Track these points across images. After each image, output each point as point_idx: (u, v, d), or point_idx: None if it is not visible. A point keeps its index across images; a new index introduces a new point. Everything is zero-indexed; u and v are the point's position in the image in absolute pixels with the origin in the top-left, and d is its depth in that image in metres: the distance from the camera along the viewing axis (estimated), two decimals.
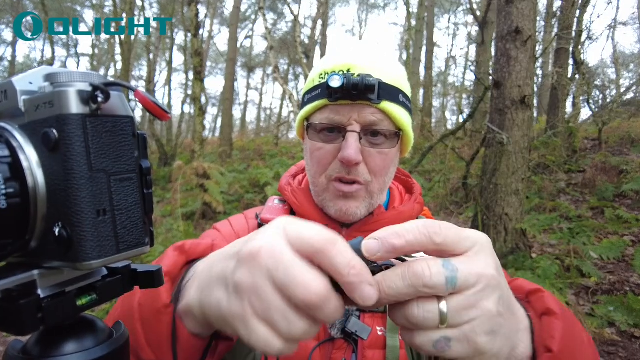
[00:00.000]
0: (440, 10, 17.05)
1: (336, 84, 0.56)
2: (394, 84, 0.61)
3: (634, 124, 7.22)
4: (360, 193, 0.62)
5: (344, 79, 0.56)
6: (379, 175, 0.62)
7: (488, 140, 3.58)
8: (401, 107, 0.62)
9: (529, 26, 3.41)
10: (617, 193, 4.79)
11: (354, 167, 0.60)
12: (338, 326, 0.57)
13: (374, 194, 0.63)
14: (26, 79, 0.27)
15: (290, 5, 6.33)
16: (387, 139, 0.61)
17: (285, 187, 0.72)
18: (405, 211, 0.66)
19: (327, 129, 0.61)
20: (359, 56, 0.61)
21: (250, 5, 17.59)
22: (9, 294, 0.26)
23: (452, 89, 13.22)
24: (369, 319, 0.59)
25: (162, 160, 9.23)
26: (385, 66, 0.62)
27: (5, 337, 2.59)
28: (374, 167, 0.61)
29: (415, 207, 0.68)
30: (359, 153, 0.59)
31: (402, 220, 0.59)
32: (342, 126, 0.60)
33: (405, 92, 0.64)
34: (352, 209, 0.62)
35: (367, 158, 0.61)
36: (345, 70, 0.60)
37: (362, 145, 0.60)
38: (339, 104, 0.59)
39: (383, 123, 0.60)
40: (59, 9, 12.60)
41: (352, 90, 0.56)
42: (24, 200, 0.25)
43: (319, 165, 0.63)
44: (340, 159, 0.59)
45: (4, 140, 0.26)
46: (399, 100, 0.61)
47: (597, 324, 2.58)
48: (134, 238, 0.28)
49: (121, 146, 0.27)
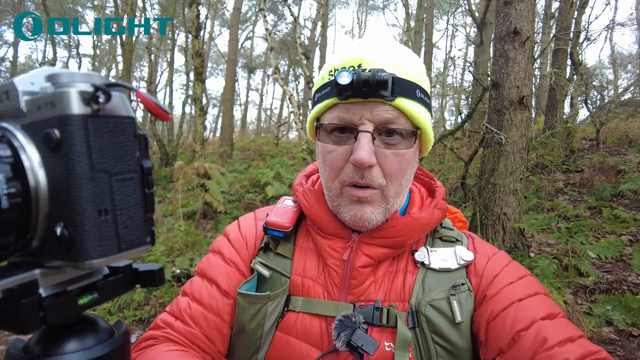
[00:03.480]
0: (439, 12, 17.08)
1: (345, 80, 0.52)
2: (410, 79, 0.55)
3: (632, 124, 7.24)
4: (375, 198, 0.57)
5: (353, 75, 0.51)
6: (395, 178, 0.57)
7: (486, 140, 3.59)
8: (419, 103, 0.56)
9: (528, 27, 3.43)
10: (614, 193, 4.81)
11: (367, 169, 0.55)
12: (343, 338, 0.54)
13: (389, 198, 0.57)
14: (28, 79, 0.27)
15: (290, 6, 6.33)
16: (403, 138, 0.56)
17: (297, 188, 0.67)
18: (421, 217, 0.60)
19: (338, 129, 0.57)
20: (371, 49, 0.56)
21: (250, 7, 17.61)
22: (10, 293, 0.26)
23: (450, 89, 13.24)
24: (377, 334, 0.56)
25: (163, 160, 9.21)
26: (401, 59, 0.56)
27: (6, 336, 2.59)
28: (389, 170, 0.56)
29: (435, 213, 0.62)
30: (372, 155, 0.54)
31: (417, 228, 0.60)
32: (354, 126, 0.55)
33: (423, 87, 0.58)
34: (367, 215, 0.57)
35: (381, 160, 0.56)
36: (356, 65, 0.54)
37: (376, 146, 0.55)
38: (349, 102, 0.54)
39: (399, 121, 0.55)
40: (60, 10, 12.58)
41: (362, 87, 0.51)
42: (26, 200, 0.25)
43: (332, 169, 0.58)
44: (352, 161, 0.55)
45: (5, 140, 0.26)
46: (415, 96, 0.56)
47: (595, 322, 2.58)
48: (135, 237, 0.28)
49: (122, 146, 0.27)
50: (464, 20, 16.83)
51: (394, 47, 0.58)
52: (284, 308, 0.60)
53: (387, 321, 0.56)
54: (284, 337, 0.59)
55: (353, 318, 0.56)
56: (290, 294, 0.61)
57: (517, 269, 0.62)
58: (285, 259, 0.64)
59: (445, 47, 23.90)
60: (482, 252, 0.63)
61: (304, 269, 0.62)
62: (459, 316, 0.56)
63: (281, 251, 0.64)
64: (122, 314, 2.85)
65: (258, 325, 0.58)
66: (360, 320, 0.56)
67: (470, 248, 0.64)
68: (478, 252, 0.63)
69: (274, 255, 0.64)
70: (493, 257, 0.63)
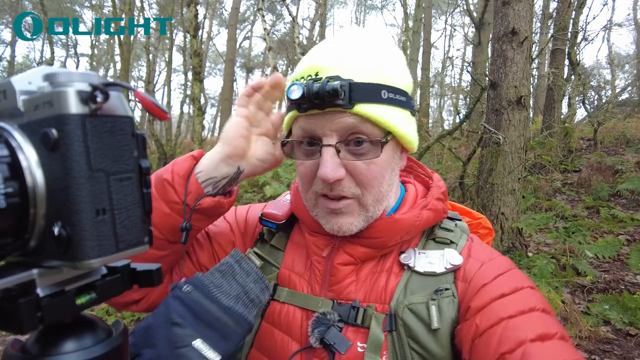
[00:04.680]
0: (437, 12, 17.11)
1: (295, 95, 0.50)
2: (371, 81, 0.52)
3: (629, 124, 7.28)
4: (352, 207, 0.55)
5: (303, 88, 0.50)
6: (370, 186, 0.54)
7: (484, 140, 3.60)
8: (386, 104, 0.53)
9: (525, 27, 3.44)
10: (612, 192, 4.83)
11: (336, 183, 0.53)
12: (317, 335, 0.54)
13: (368, 206, 0.55)
14: (25, 78, 0.27)
15: (288, 6, 6.33)
16: (372, 145, 0.53)
17: (292, 186, 0.68)
18: (403, 219, 0.57)
19: (305, 142, 0.55)
20: (328, 56, 0.53)
21: (249, 7, 17.59)
22: (8, 293, 0.26)
23: (449, 89, 13.27)
24: (352, 333, 0.55)
25: (161, 159, 9.19)
26: (361, 61, 0.52)
27: (4, 336, 2.58)
28: (362, 180, 0.54)
29: (422, 214, 0.58)
30: (337, 169, 0.52)
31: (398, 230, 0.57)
32: (317, 138, 0.54)
33: (392, 85, 0.53)
34: (344, 226, 0.56)
35: (351, 171, 0.53)
36: (313, 74, 0.52)
37: (344, 158, 0.53)
38: (309, 114, 0.52)
39: (363, 128, 0.52)
40: (58, 9, 12.53)
41: (314, 99, 0.49)
42: (23, 199, 0.25)
43: (303, 181, 0.58)
44: (318, 177, 0.53)
45: (3, 140, 0.26)
46: (381, 98, 0.52)
47: (592, 322, 2.59)
48: (133, 237, 0.28)
49: (120, 146, 0.27)
50: (462, 20, 16.89)
51: (356, 47, 0.54)
52: (270, 297, 0.61)
53: (362, 321, 0.55)
54: (269, 328, 0.61)
55: (328, 315, 0.56)
56: (277, 284, 0.63)
57: (514, 279, 0.55)
58: (278, 251, 0.65)
59: (444, 47, 23.97)
60: (477, 257, 0.58)
61: (292, 264, 0.63)
62: (436, 322, 0.52)
63: (275, 243, 0.66)
64: (120, 314, 2.84)
65: None
66: (335, 318, 0.55)
67: (464, 252, 0.59)
68: (472, 256, 0.58)
69: (269, 247, 0.66)
70: (488, 263, 0.57)
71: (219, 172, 0.60)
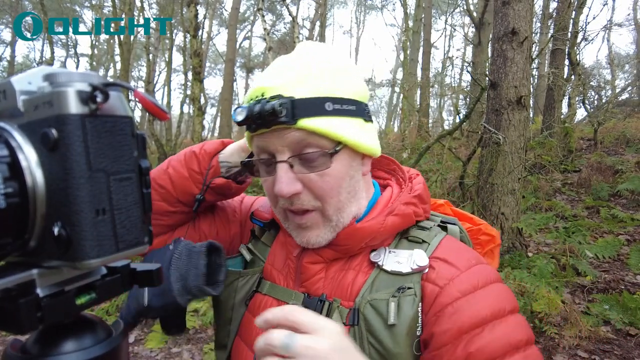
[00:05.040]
0: (437, 12, 17.11)
1: (239, 118, 0.53)
2: (314, 95, 0.53)
3: (629, 124, 7.28)
4: (315, 220, 0.58)
5: (247, 110, 0.53)
6: (329, 197, 0.56)
7: (484, 140, 3.60)
8: (332, 116, 0.54)
9: (525, 27, 3.44)
10: (612, 192, 4.84)
11: (294, 197, 0.55)
12: None
13: (331, 217, 0.58)
14: (25, 78, 0.27)
15: (288, 6, 6.33)
16: (323, 157, 0.55)
17: None
18: (364, 228, 0.58)
19: (264, 160, 0.58)
20: (271, 76, 0.56)
21: (249, 7, 17.59)
22: (8, 293, 0.26)
23: (449, 89, 13.27)
24: None
25: (161, 160, 9.19)
26: (304, 77, 0.54)
27: (4, 336, 2.58)
28: (318, 192, 0.56)
29: (387, 221, 0.59)
30: (292, 183, 0.54)
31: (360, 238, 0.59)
32: (272, 156, 0.56)
33: (338, 97, 0.55)
34: (312, 239, 0.59)
35: (307, 184, 0.56)
36: (260, 94, 0.55)
37: (298, 172, 0.55)
38: (260, 133, 0.55)
39: (312, 141, 0.54)
40: (58, 9, 12.53)
41: (257, 120, 0.52)
42: (23, 199, 0.25)
43: (270, 197, 0.61)
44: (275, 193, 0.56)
45: (3, 140, 0.26)
46: (325, 110, 0.54)
47: (592, 322, 2.59)
48: (133, 237, 0.28)
49: (120, 146, 0.27)
50: (462, 20, 16.89)
51: (302, 64, 0.56)
52: (255, 289, 0.66)
53: (327, 314, 0.58)
54: (251, 319, 0.65)
55: None
56: (262, 278, 0.67)
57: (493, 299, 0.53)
58: (266, 246, 0.71)
59: (444, 47, 23.96)
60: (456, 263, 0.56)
61: (274, 260, 0.68)
62: (392, 318, 0.53)
63: (264, 239, 0.72)
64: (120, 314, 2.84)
65: (228, 297, 0.66)
66: None
67: (439, 252, 0.58)
68: (449, 261, 0.57)
69: (260, 243, 0.72)
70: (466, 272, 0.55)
71: (233, 160, 0.69)
